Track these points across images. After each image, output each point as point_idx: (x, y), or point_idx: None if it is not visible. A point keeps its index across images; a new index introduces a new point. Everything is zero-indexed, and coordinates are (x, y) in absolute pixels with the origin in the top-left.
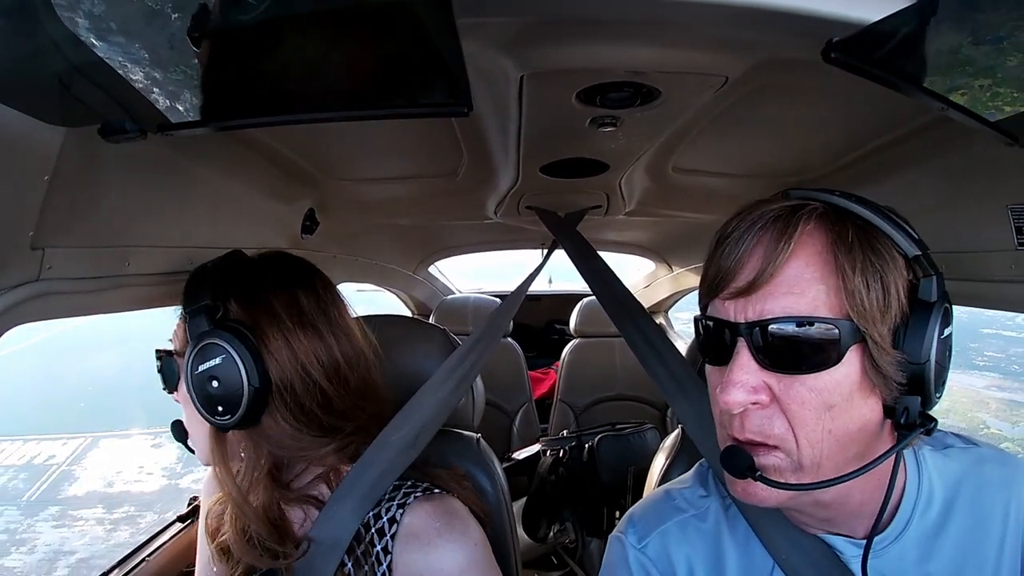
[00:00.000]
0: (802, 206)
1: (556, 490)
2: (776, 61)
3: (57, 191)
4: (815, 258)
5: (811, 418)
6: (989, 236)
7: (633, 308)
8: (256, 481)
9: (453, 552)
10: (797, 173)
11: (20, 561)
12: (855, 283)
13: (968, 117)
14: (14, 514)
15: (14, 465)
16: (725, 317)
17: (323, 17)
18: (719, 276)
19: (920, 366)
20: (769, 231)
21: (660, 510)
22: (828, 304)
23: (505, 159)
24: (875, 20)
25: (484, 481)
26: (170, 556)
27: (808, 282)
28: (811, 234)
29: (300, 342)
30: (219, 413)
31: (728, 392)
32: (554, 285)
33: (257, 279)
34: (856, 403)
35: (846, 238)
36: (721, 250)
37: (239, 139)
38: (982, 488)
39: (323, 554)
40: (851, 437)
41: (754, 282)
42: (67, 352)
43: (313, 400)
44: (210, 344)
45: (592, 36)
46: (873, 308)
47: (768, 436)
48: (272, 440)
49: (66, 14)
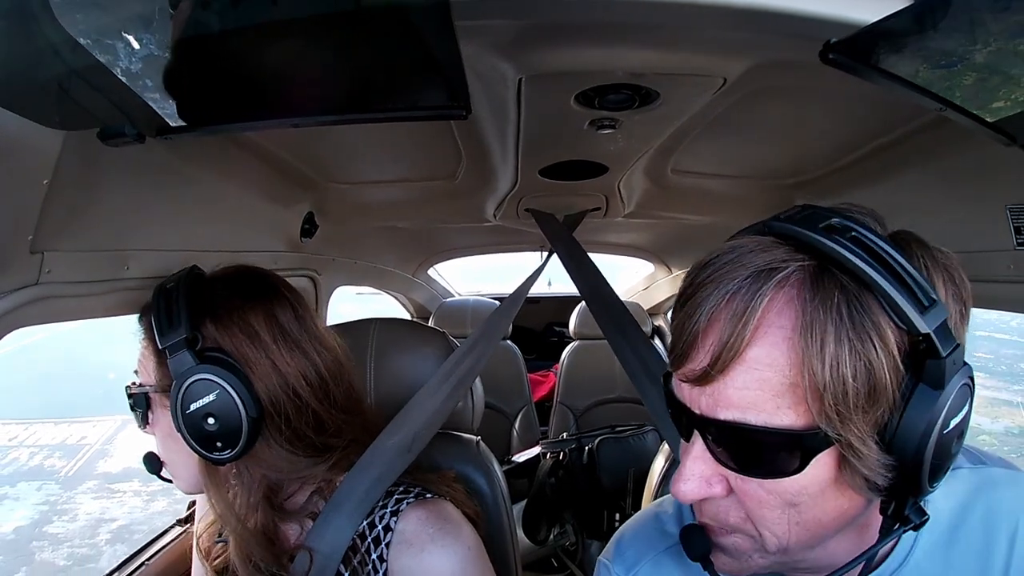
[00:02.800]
0: (773, 270)
1: (556, 493)
2: (774, 63)
3: (56, 195)
4: (780, 347)
5: (772, 515)
6: (988, 236)
7: (623, 318)
8: (252, 506)
9: (447, 556)
10: (795, 174)
11: (63, 528)
12: (829, 381)
13: (966, 118)
14: (54, 488)
15: (48, 444)
16: (681, 399)
17: (322, 21)
18: (675, 350)
19: (912, 467)
20: (727, 306)
21: (649, 537)
22: (794, 404)
23: (504, 162)
24: (873, 21)
25: (484, 484)
26: (169, 560)
27: (767, 380)
28: (780, 312)
29: (287, 363)
30: (217, 449)
31: (679, 484)
32: (553, 288)
33: (228, 298)
34: (829, 498)
35: (821, 319)
36: (679, 316)
37: (238, 143)
38: (990, 514)
39: (320, 564)
40: (824, 526)
41: (709, 370)
42: (87, 336)
43: (305, 422)
44: (200, 381)
45: (591, 38)
46: (850, 408)
47: (725, 525)
48: (266, 464)
49: (65, 18)
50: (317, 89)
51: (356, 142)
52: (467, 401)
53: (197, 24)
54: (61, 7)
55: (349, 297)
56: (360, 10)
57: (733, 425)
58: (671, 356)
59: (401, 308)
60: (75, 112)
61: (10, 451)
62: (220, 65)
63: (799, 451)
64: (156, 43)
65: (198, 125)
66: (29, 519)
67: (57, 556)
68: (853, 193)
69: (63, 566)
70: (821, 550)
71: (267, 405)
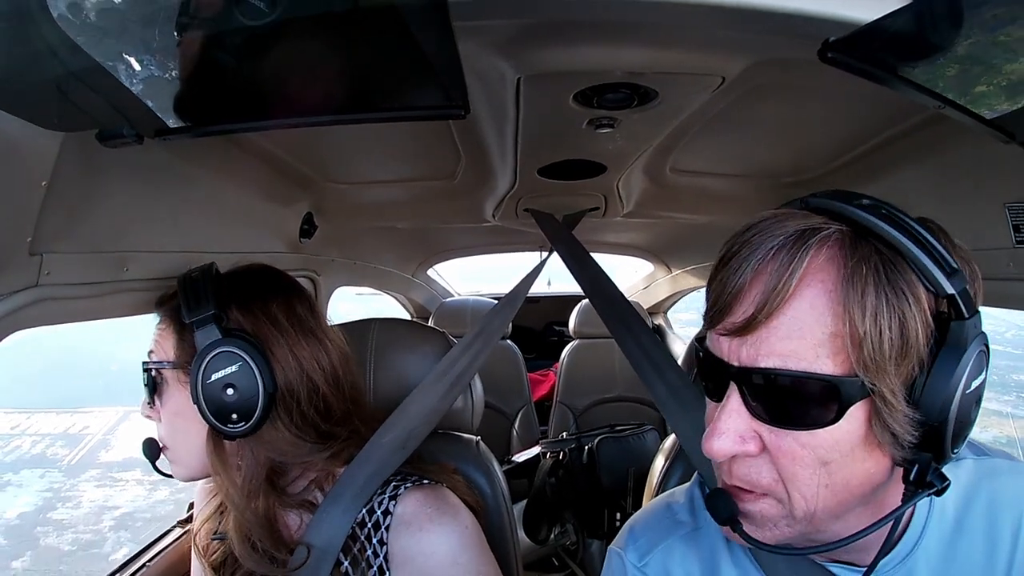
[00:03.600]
0: (816, 229)
1: (556, 492)
2: (773, 61)
3: (55, 196)
4: (822, 298)
5: (804, 474)
6: (987, 234)
7: (627, 313)
8: (255, 489)
9: (444, 536)
10: (794, 173)
11: (67, 515)
12: (868, 330)
13: (965, 115)
14: (57, 476)
15: (51, 433)
16: (719, 355)
17: (320, 20)
18: (716, 305)
19: (937, 425)
20: (774, 259)
21: (661, 525)
22: (833, 354)
23: (503, 161)
24: (871, 20)
25: (484, 484)
26: (170, 561)
27: (811, 327)
28: (821, 268)
29: (303, 349)
30: (232, 421)
31: (712, 439)
32: (553, 287)
33: (251, 288)
34: (858, 458)
35: (862, 273)
36: (722, 273)
37: (236, 143)
38: (994, 503)
39: (318, 557)
40: (851, 491)
41: (750, 321)
42: (88, 329)
43: (315, 407)
44: (224, 352)
45: (589, 38)
46: (886, 359)
47: (756, 486)
48: (272, 447)
49: (63, 20)
50: (315, 89)
51: (355, 142)
52: (467, 401)
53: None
54: (59, 8)
55: (349, 297)
56: (358, 10)
57: (775, 372)
58: (710, 314)
59: (401, 308)
60: (74, 114)
61: (12, 439)
62: (219, 66)
63: (836, 401)
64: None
65: (196, 126)
66: (33, 505)
67: (62, 541)
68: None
69: (68, 551)
70: (843, 523)
71: (282, 386)
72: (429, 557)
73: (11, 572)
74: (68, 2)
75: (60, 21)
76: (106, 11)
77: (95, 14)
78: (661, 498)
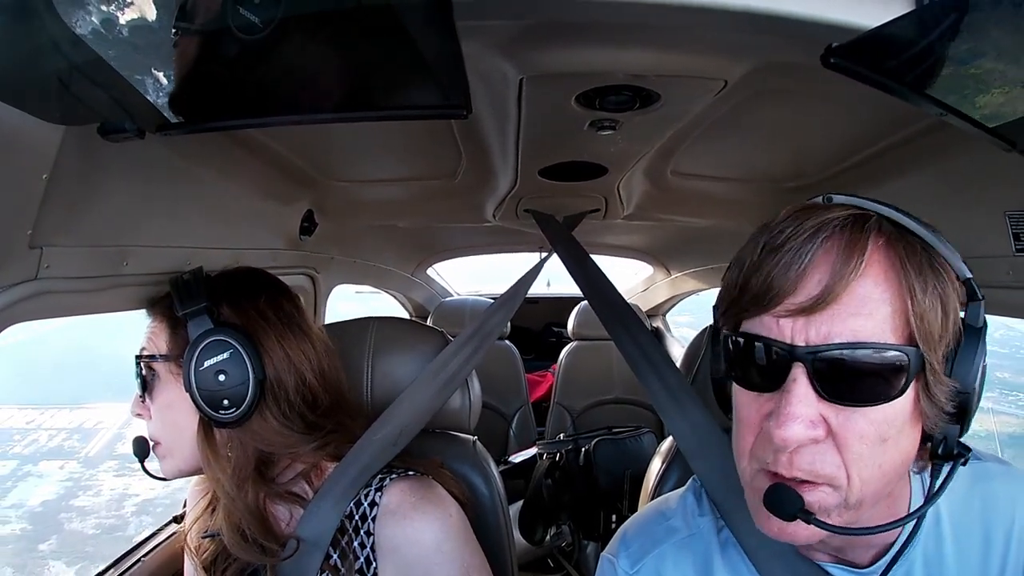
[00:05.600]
0: (867, 216)
1: (552, 494)
2: (775, 66)
3: (55, 190)
4: (888, 274)
5: (867, 453)
6: (987, 242)
7: (626, 315)
8: (244, 478)
9: (429, 524)
10: (795, 178)
11: (89, 502)
12: (924, 305)
13: (966, 123)
14: (75, 466)
15: (66, 428)
16: (778, 338)
17: (323, 18)
18: (770, 289)
19: (967, 394)
20: (836, 242)
21: (653, 532)
22: (895, 328)
23: (504, 162)
24: (875, 26)
25: (480, 484)
26: (165, 557)
27: (877, 303)
28: (882, 249)
29: (290, 341)
30: (224, 408)
31: (786, 427)
32: (552, 288)
33: (240, 287)
34: (905, 435)
35: (916, 254)
36: (775, 259)
37: (237, 140)
38: (987, 507)
39: (307, 551)
40: (895, 472)
41: (819, 300)
42: (97, 327)
43: (301, 397)
44: (216, 340)
45: (592, 39)
46: (935, 333)
47: (818, 475)
48: (260, 438)
49: (66, 13)
50: (318, 87)
51: (356, 140)
52: (464, 401)
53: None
54: (62, 1)
55: (348, 296)
56: (361, 8)
57: (850, 347)
58: (757, 297)
59: (400, 307)
60: (75, 107)
61: (29, 433)
62: (222, 62)
63: (904, 373)
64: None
65: (199, 122)
66: (55, 494)
67: (86, 526)
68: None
69: (92, 534)
70: (872, 512)
71: (270, 375)
72: (414, 545)
73: (39, 554)
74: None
75: (63, 14)
76: (109, 5)
77: (98, 8)
78: (654, 504)
